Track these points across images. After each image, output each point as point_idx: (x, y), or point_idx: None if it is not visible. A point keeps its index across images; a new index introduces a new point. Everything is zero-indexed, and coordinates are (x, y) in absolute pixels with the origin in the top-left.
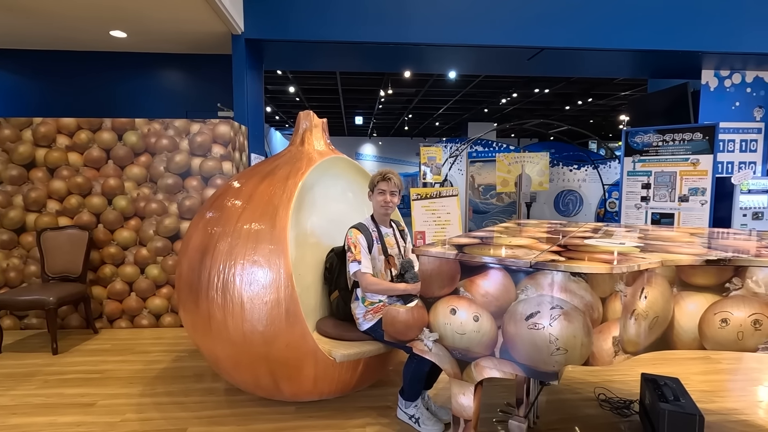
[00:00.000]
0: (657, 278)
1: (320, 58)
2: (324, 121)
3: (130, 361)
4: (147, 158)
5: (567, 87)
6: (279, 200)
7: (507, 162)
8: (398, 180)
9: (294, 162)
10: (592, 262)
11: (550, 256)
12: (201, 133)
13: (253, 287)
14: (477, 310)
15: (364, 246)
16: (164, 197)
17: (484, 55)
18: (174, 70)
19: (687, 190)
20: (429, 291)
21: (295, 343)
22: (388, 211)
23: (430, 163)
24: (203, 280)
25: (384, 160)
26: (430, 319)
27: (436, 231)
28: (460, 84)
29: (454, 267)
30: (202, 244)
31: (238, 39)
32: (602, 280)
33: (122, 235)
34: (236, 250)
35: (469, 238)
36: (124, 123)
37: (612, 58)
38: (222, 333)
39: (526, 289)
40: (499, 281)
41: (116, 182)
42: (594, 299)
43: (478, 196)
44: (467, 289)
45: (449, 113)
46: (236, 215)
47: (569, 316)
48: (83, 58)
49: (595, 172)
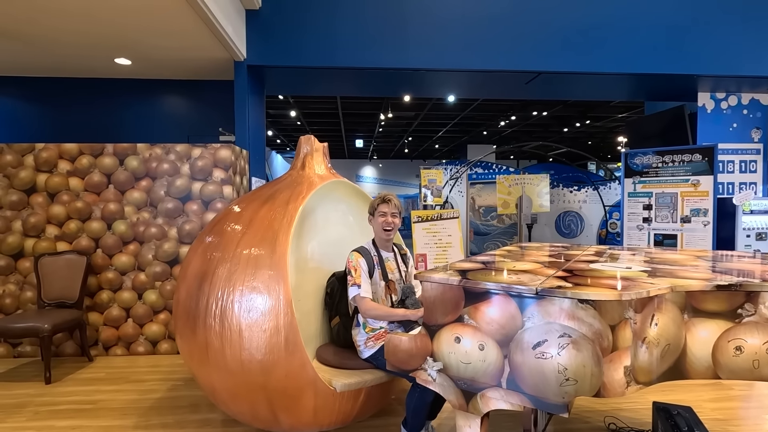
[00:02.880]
0: (667, 304)
1: (321, 83)
2: (325, 145)
3: (124, 390)
4: (148, 183)
5: (564, 110)
6: (279, 225)
7: (507, 184)
8: (398, 202)
9: (295, 186)
10: (599, 288)
11: (555, 281)
12: (202, 158)
13: (251, 314)
14: (482, 338)
15: (364, 270)
16: (164, 221)
17: (482, 79)
18: (177, 95)
19: (689, 211)
20: (432, 318)
21: (294, 373)
22: (390, 235)
23: (431, 185)
24: (201, 306)
25: (384, 182)
26: (434, 348)
27: (437, 253)
28: (458, 107)
29: (457, 293)
30: (201, 269)
31: (240, 65)
32: (611, 307)
33: (121, 260)
34: (235, 276)
35: (472, 263)
36: (125, 148)
37: (608, 82)
38: (219, 362)
39: (533, 317)
40: (504, 308)
41: (116, 207)
42: (603, 327)
43: (478, 217)
44: (472, 317)
45: (448, 136)
46: (236, 240)
47: (578, 345)
48: (87, 85)
49: (595, 194)
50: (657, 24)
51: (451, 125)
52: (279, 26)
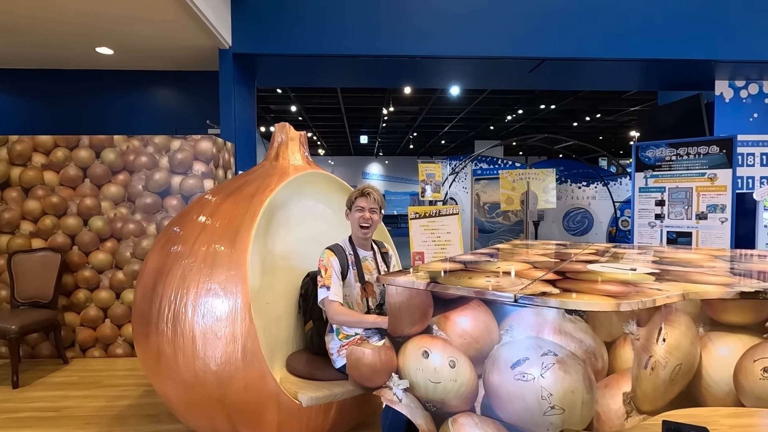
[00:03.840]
0: (678, 315)
1: (316, 73)
2: (302, 134)
3: (93, 396)
4: (125, 177)
5: (574, 103)
6: (241, 220)
7: (511, 179)
8: (378, 196)
9: (264, 178)
10: (592, 295)
11: (540, 287)
12: (182, 150)
13: (206, 319)
14: (453, 353)
15: (336, 270)
16: (142, 217)
17: (484, 67)
18: (163, 87)
19: (705, 206)
20: (397, 328)
21: (253, 385)
22: (367, 233)
23: (429, 180)
24: (154, 309)
25: (390, 179)
26: (399, 363)
27: (435, 251)
28: (464, 101)
29: (425, 300)
30: (157, 267)
31: (225, 54)
32: (606, 320)
33: (98, 257)
34: (190, 276)
35: (451, 263)
36: (102, 140)
37: (619, 70)
38: (173, 371)
39: (512, 330)
40: (478, 318)
41: (93, 202)
42: (597, 344)
43: (483, 214)
44: (441, 328)
45: (455, 131)
46: (194, 236)
47: (565, 366)
48: (69, 77)
49: (605, 190)
50: (670, 5)
51: (456, 120)
52: (268, 12)
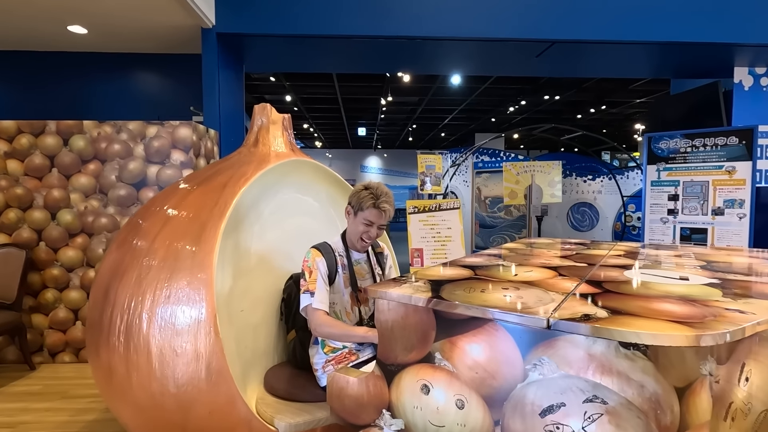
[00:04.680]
0: (763, 346)
1: (310, 57)
2: (286, 116)
3: (56, 409)
4: (96, 166)
5: (579, 94)
6: (208, 215)
7: (515, 171)
8: (392, 210)
9: (239, 166)
10: (654, 320)
11: (578, 305)
12: (158, 137)
13: (163, 333)
14: (462, 390)
15: (323, 273)
16: (116, 211)
17: (489, 51)
18: (144, 71)
19: (722, 201)
20: (390, 354)
21: (220, 411)
22: (365, 248)
23: (429, 172)
24: (105, 319)
25: (389, 172)
26: (392, 398)
27: (435, 248)
28: (465, 92)
29: (426, 319)
30: (112, 268)
31: (208, 33)
32: (679, 357)
33: (67, 254)
34: (147, 280)
35: (457, 268)
36: (70, 126)
37: (630, 54)
38: (126, 393)
39: (542, 365)
40: (495, 347)
41: (61, 194)
42: (665, 390)
43: (484, 209)
44: (447, 356)
45: (455, 123)
46: (154, 231)
47: (618, 418)
48: (39, 59)
49: (611, 184)
50: None
51: (457, 112)
52: None
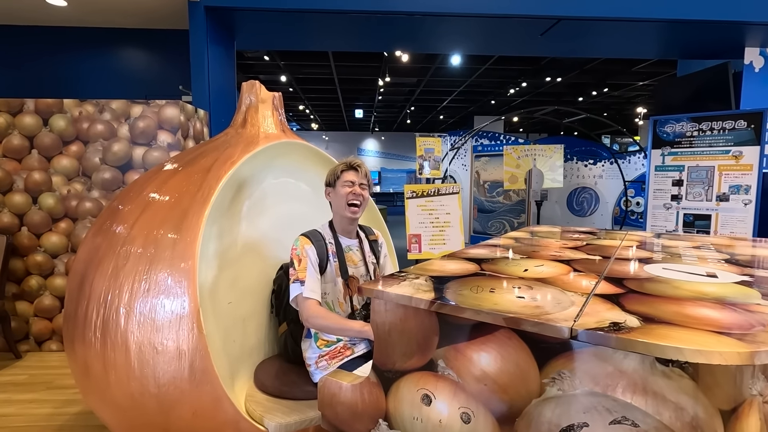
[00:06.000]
0: None
1: (304, 33)
2: (277, 95)
3: (40, 401)
4: (79, 147)
5: (580, 76)
6: (191, 201)
7: (516, 155)
8: (366, 168)
9: (225, 148)
10: (694, 330)
11: (603, 309)
12: (144, 118)
13: (142, 329)
14: (468, 403)
15: (312, 261)
16: (100, 195)
17: (492, 28)
18: (129, 47)
19: (727, 187)
20: (387, 359)
21: (205, 412)
22: (356, 213)
23: (428, 155)
24: (80, 314)
25: (387, 156)
26: (389, 407)
27: (433, 234)
28: (465, 73)
29: (428, 323)
30: (88, 257)
31: (195, 7)
32: (726, 376)
33: (50, 240)
34: (125, 271)
35: (460, 262)
36: (50, 105)
37: (638, 33)
38: (104, 392)
39: (561, 379)
40: (507, 356)
41: (42, 176)
42: (707, 413)
43: (483, 193)
44: (451, 365)
45: (454, 105)
46: (133, 217)
47: None
48: (18, 34)
49: (612, 168)
50: None
51: (456, 94)
52: None
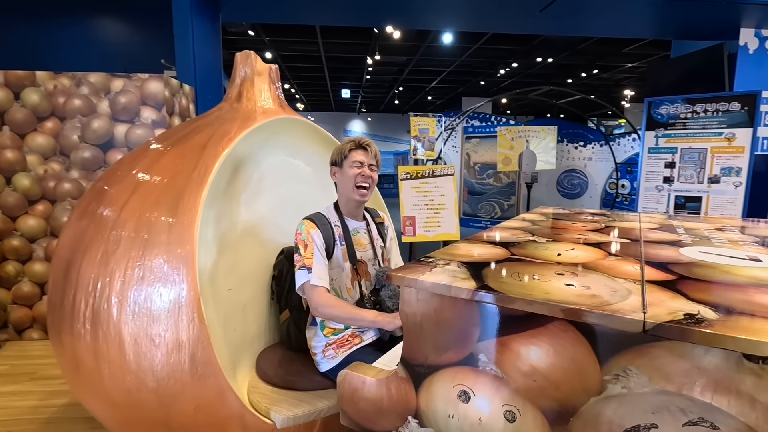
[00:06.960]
0: None
1: (291, 6)
2: (274, 67)
3: (24, 392)
4: (55, 124)
5: (571, 57)
6: (186, 180)
7: (509, 137)
8: (376, 148)
9: (221, 124)
10: None
11: (666, 298)
12: (125, 92)
13: (138, 320)
14: (513, 400)
15: (319, 246)
16: (80, 175)
17: (489, 4)
18: (106, 17)
19: (719, 169)
20: (418, 353)
21: (208, 406)
22: (365, 196)
23: (422, 136)
24: (67, 304)
25: (373, 137)
26: (420, 404)
27: (428, 216)
28: (455, 52)
29: (468, 314)
30: (72, 243)
31: None
32: None
33: (27, 223)
34: (115, 258)
35: (485, 246)
36: (20, 77)
37: (635, 11)
38: (96, 386)
39: (627, 376)
40: (562, 351)
41: (15, 155)
42: None
43: (473, 175)
44: (494, 359)
45: (442, 86)
46: (122, 199)
47: None
48: None
49: (602, 151)
50: None
51: (445, 74)
52: None
